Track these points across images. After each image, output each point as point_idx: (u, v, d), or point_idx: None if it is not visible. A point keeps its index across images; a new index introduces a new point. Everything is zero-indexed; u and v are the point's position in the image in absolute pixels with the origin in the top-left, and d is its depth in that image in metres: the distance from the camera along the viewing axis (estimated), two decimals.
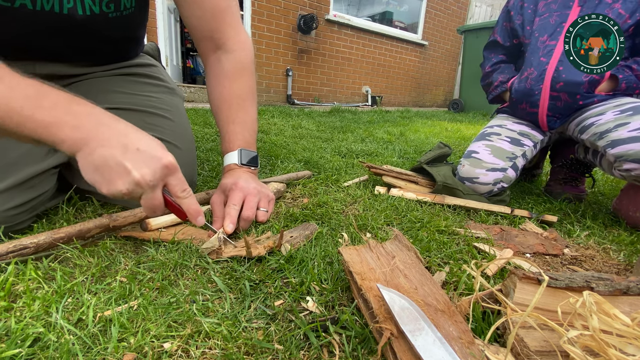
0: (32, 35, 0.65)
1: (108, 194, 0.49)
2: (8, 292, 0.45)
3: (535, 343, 0.38)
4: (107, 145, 0.47)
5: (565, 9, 0.97)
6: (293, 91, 4.46)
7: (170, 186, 0.53)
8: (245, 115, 0.77)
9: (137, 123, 0.74)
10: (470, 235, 0.75)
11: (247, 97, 0.78)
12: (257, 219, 0.71)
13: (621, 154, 0.81)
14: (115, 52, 0.78)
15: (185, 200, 0.54)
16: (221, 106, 0.77)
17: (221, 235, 0.59)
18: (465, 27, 4.63)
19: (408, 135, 2.19)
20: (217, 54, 0.78)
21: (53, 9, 0.61)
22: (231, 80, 0.77)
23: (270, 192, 0.76)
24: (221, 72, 0.77)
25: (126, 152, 0.48)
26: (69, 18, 0.64)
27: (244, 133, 0.77)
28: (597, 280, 0.42)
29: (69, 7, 0.63)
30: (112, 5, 0.68)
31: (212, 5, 0.73)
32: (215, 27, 0.75)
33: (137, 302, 0.45)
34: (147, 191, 0.50)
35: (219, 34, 0.75)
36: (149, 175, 0.48)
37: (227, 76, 0.77)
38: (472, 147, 1.06)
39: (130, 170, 0.47)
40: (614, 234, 0.83)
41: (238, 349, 0.39)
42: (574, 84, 0.93)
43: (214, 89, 0.78)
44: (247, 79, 0.79)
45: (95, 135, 0.47)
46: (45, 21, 0.63)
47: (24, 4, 0.59)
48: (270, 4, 3.98)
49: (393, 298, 0.40)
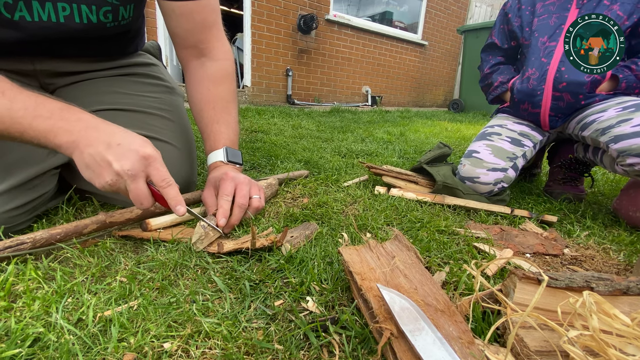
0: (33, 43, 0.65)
1: (100, 188, 0.54)
2: (8, 292, 0.45)
3: (535, 343, 0.38)
4: (94, 144, 0.52)
5: (563, 10, 0.98)
6: (293, 91, 4.46)
7: (151, 176, 0.56)
8: (228, 116, 0.78)
9: (137, 123, 0.75)
10: (470, 235, 0.75)
11: (230, 100, 0.80)
12: (252, 206, 0.71)
13: (624, 149, 0.81)
14: (115, 47, 0.79)
15: (165, 190, 0.56)
16: (205, 107, 0.77)
17: (203, 223, 0.59)
18: (465, 27, 4.63)
19: (408, 135, 2.19)
20: (200, 60, 0.79)
21: (50, 19, 0.62)
22: (215, 84, 0.78)
23: (259, 183, 0.77)
24: (205, 75, 0.78)
25: (109, 148, 0.52)
26: (67, 28, 0.64)
27: (228, 133, 0.77)
28: (597, 280, 0.42)
29: (64, 15, 0.63)
30: (110, 16, 0.68)
31: (201, 18, 0.74)
32: (203, 39, 0.76)
33: (137, 302, 0.45)
34: (128, 181, 0.53)
35: (204, 44, 0.77)
36: (128, 165, 0.52)
37: (211, 80, 0.78)
38: (472, 146, 1.06)
39: (111, 162, 0.52)
40: (614, 234, 0.83)
41: (238, 349, 0.39)
42: (577, 84, 0.94)
43: (196, 91, 0.78)
44: (230, 85, 0.80)
45: (84, 137, 0.52)
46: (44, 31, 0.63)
47: (22, 16, 0.60)
48: (270, 4, 3.98)
49: (393, 298, 0.40)
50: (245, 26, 3.93)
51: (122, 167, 0.52)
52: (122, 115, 0.75)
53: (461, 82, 4.89)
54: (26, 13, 0.60)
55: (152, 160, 0.55)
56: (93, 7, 0.64)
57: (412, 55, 5.70)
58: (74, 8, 0.63)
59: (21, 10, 0.59)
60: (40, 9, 0.60)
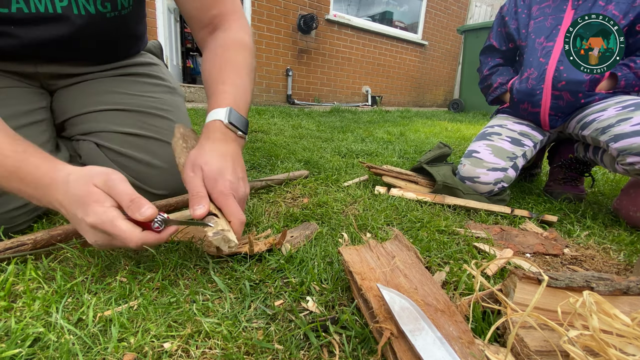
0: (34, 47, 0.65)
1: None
2: (8, 292, 0.45)
3: (535, 343, 0.38)
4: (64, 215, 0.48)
5: (559, 12, 0.99)
6: (293, 91, 4.46)
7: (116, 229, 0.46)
8: (237, 78, 0.66)
9: (137, 124, 0.75)
10: (470, 235, 0.75)
11: (242, 66, 0.69)
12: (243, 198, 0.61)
13: (624, 148, 0.81)
14: (116, 50, 0.78)
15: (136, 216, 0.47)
16: (211, 71, 0.67)
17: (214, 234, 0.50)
18: (465, 27, 4.63)
19: (408, 135, 2.19)
20: (214, 34, 0.72)
21: (47, 10, 0.61)
22: (224, 49, 0.69)
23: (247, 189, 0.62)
24: (215, 45, 0.70)
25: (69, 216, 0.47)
26: (66, 20, 0.64)
27: (235, 94, 0.64)
28: (597, 280, 0.42)
29: (62, 6, 0.62)
30: (109, 5, 0.67)
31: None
32: (216, 14, 0.71)
33: (137, 302, 0.45)
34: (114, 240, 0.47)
35: (218, 19, 0.72)
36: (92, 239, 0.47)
37: (222, 45, 0.69)
38: (472, 146, 1.06)
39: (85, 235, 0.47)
40: (614, 234, 0.83)
41: (238, 349, 0.39)
42: (576, 83, 0.94)
43: (206, 61, 0.70)
44: (243, 52, 0.70)
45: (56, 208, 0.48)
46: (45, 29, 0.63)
47: (20, 8, 0.59)
48: (270, 4, 3.98)
49: (393, 298, 0.40)
50: None
51: (92, 241, 0.47)
52: (123, 115, 0.75)
53: (461, 82, 4.89)
54: (23, 4, 0.59)
55: (100, 223, 0.45)
56: None
57: (412, 55, 5.70)
58: (72, 0, 0.63)
59: (17, 2, 0.59)
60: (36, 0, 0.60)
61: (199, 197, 0.53)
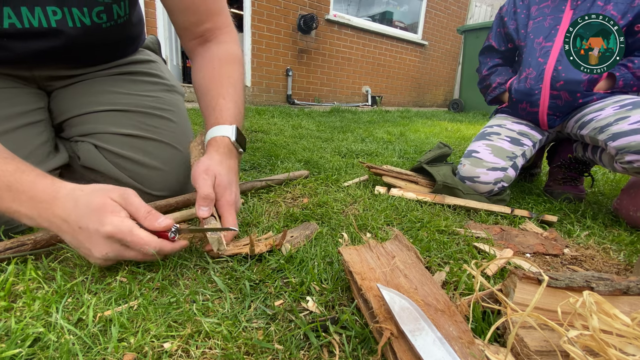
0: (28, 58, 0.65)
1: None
2: (8, 292, 0.45)
3: (535, 343, 0.38)
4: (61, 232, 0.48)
5: (558, 12, 0.99)
6: (293, 91, 4.46)
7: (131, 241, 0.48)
8: (236, 95, 0.70)
9: (135, 124, 0.75)
10: (470, 235, 0.75)
11: (239, 81, 0.73)
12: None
13: (623, 146, 0.82)
14: (113, 52, 0.78)
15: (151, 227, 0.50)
16: (210, 84, 0.70)
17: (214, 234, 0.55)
18: (465, 27, 4.63)
19: (408, 135, 2.19)
20: (206, 45, 0.75)
21: (41, 24, 0.60)
22: (221, 63, 0.73)
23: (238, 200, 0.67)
24: (212, 56, 0.73)
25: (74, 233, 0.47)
26: (61, 33, 0.63)
27: (236, 111, 0.69)
28: (597, 280, 0.42)
29: (56, 20, 0.61)
30: (104, 16, 0.66)
31: (206, 8, 0.72)
32: (209, 27, 0.74)
33: (137, 302, 0.45)
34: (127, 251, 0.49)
35: (211, 32, 0.74)
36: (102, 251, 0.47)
37: (218, 58, 0.73)
38: (472, 146, 1.06)
39: (89, 252, 0.48)
40: (614, 234, 0.83)
41: (238, 349, 0.39)
42: (574, 82, 0.94)
43: (202, 71, 0.72)
44: (238, 67, 0.75)
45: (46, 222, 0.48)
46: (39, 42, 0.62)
47: (12, 23, 0.58)
48: (270, 4, 3.98)
49: (393, 298, 0.40)
50: (245, 26, 3.93)
51: (101, 254, 0.47)
52: (121, 116, 0.75)
53: (461, 82, 4.89)
54: (15, 20, 0.58)
55: (118, 232, 0.46)
56: (84, 9, 0.63)
57: (412, 55, 5.70)
58: (66, 12, 0.62)
59: (10, 17, 0.58)
60: (29, 14, 0.59)
61: (208, 200, 0.57)
